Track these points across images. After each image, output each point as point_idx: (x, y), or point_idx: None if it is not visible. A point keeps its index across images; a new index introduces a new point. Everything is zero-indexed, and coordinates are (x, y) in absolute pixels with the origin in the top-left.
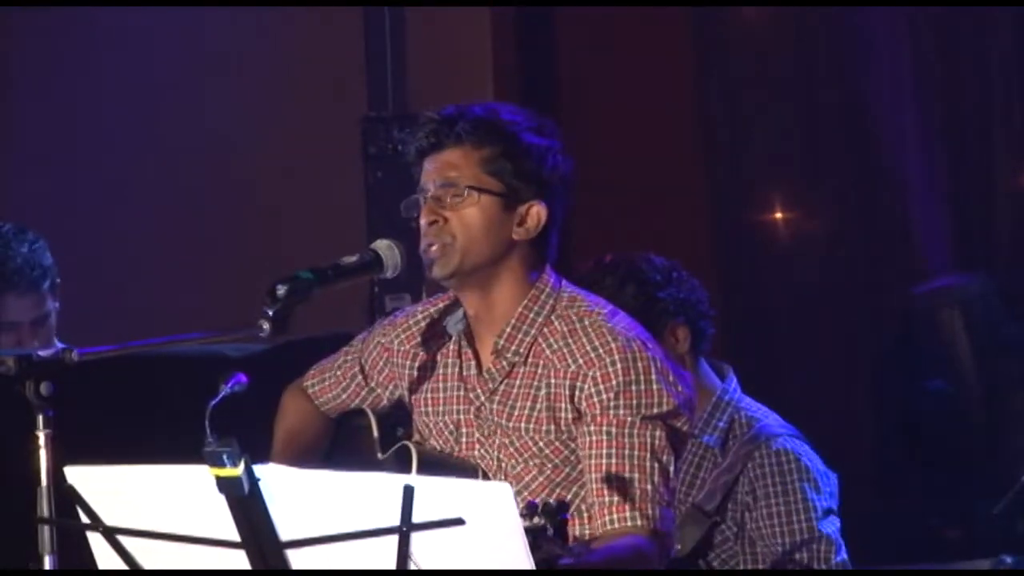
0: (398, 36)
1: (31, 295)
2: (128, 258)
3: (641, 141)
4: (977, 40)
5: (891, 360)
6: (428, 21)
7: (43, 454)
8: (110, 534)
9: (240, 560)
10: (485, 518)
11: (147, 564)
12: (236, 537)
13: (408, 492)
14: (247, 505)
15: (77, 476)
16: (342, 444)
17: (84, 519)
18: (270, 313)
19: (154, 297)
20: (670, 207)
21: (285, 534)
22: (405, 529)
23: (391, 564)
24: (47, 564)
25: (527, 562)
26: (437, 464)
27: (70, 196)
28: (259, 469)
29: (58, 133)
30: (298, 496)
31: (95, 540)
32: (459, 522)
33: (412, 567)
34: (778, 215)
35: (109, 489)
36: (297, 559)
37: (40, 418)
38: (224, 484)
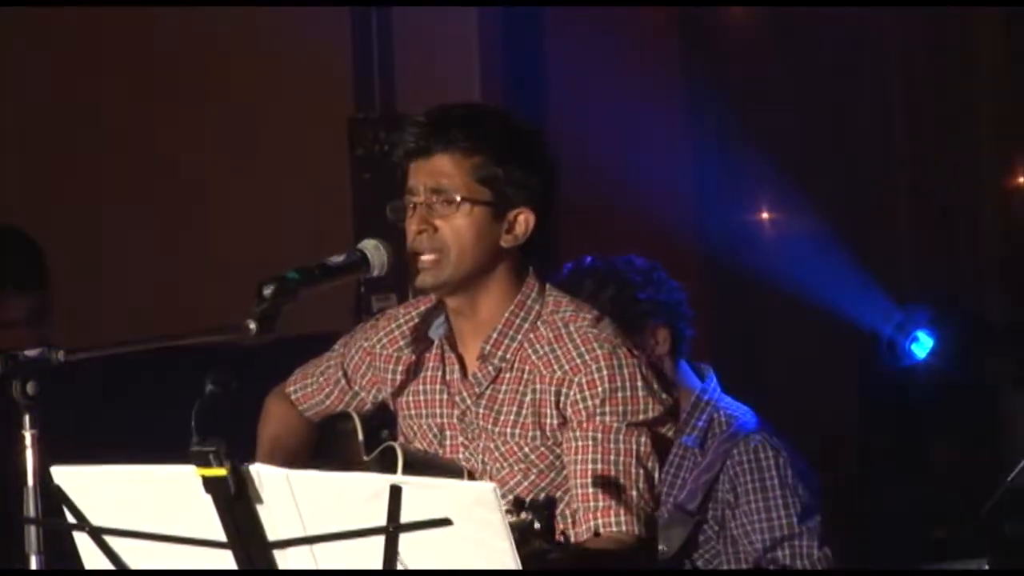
0: (385, 36)
1: (30, 291)
2: (114, 257)
3: (628, 141)
4: (965, 42)
5: (879, 361)
6: (415, 21)
7: (30, 454)
8: (96, 534)
9: (227, 560)
10: (472, 518)
11: (134, 564)
12: (223, 537)
13: (395, 492)
14: (234, 505)
15: (63, 476)
16: (327, 447)
17: (71, 519)
18: (257, 313)
19: (140, 296)
20: (657, 207)
21: (272, 534)
22: (392, 529)
23: (378, 565)
24: (34, 565)
25: (514, 563)
26: (423, 465)
27: (59, 195)
28: (246, 469)
29: (49, 133)
30: (285, 496)
31: (82, 540)
32: (446, 522)
33: (400, 567)
34: (765, 215)
35: (96, 489)
36: (284, 559)
37: (27, 417)
38: (211, 484)
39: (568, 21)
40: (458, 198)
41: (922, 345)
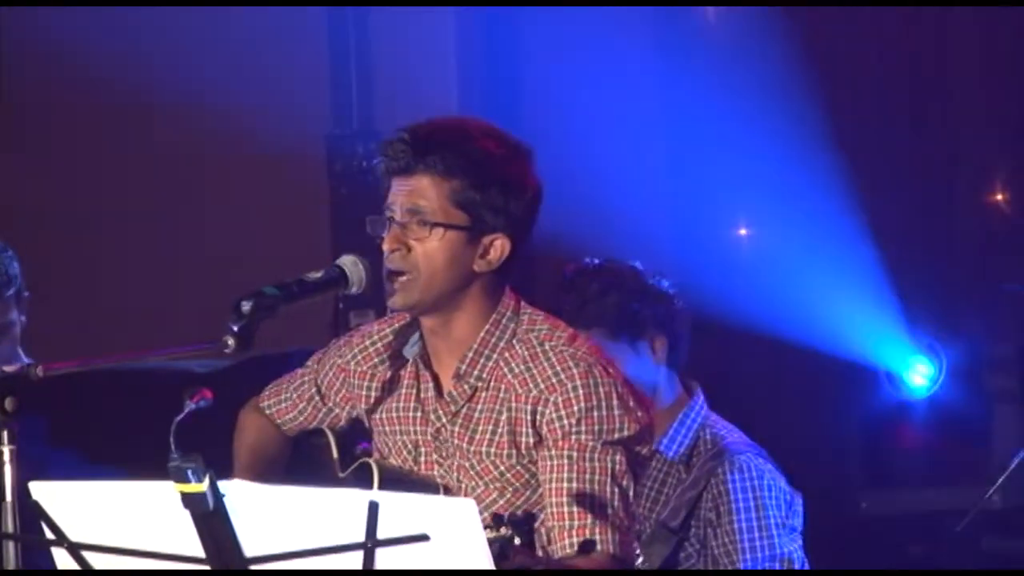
0: (362, 48)
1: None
2: (93, 270)
3: (607, 145)
4: (941, 51)
5: (856, 375)
6: (390, 30)
7: (8, 469)
8: (75, 550)
9: None
10: (449, 534)
11: None
12: (201, 553)
13: (373, 508)
14: (212, 521)
15: (42, 491)
16: (301, 463)
17: (49, 535)
18: (235, 329)
19: (118, 312)
20: (636, 211)
21: (250, 550)
22: (370, 545)
23: None
24: None
25: None
26: (399, 481)
27: (38, 206)
28: (224, 485)
29: (24, 144)
30: (263, 512)
31: (60, 556)
32: (423, 538)
33: None
34: (743, 230)
35: (74, 505)
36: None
37: (4, 433)
38: (189, 500)
39: (546, 23)
40: (432, 221)
41: (924, 376)
